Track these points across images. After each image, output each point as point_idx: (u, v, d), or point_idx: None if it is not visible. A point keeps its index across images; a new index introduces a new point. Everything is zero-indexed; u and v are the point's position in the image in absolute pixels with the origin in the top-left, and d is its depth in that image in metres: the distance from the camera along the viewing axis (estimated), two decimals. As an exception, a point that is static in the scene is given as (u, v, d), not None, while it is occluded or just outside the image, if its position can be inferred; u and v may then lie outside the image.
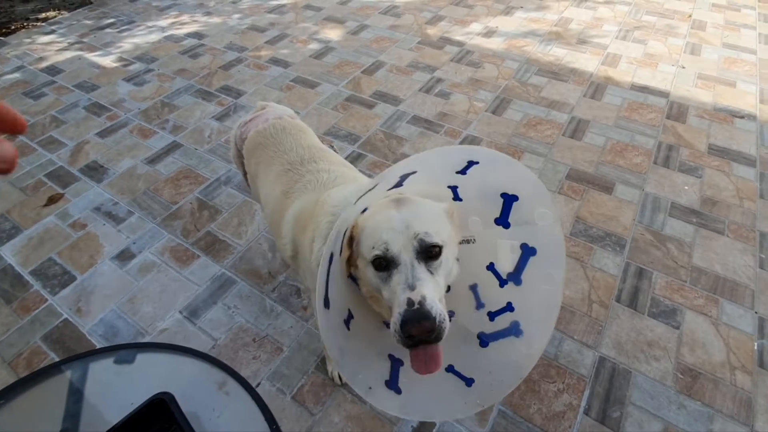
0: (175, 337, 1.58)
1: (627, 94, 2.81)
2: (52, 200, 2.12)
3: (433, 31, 3.56)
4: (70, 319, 1.64)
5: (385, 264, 0.71)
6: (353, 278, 0.84)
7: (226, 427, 0.66)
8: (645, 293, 1.71)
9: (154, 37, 3.59)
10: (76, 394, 0.73)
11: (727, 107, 2.67)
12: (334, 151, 1.29)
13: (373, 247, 0.71)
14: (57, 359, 1.52)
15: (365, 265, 0.74)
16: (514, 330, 0.79)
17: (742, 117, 2.60)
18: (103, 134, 2.55)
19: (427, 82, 2.94)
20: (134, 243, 1.92)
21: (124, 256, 1.87)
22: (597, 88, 2.87)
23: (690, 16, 3.75)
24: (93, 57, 3.33)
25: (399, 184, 0.75)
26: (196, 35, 3.59)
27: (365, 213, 0.77)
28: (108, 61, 3.28)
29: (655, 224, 1.98)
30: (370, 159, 2.34)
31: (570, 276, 1.76)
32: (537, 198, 0.74)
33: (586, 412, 1.38)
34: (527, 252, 0.77)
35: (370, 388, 0.72)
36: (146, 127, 2.60)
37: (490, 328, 0.82)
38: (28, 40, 3.60)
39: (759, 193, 2.12)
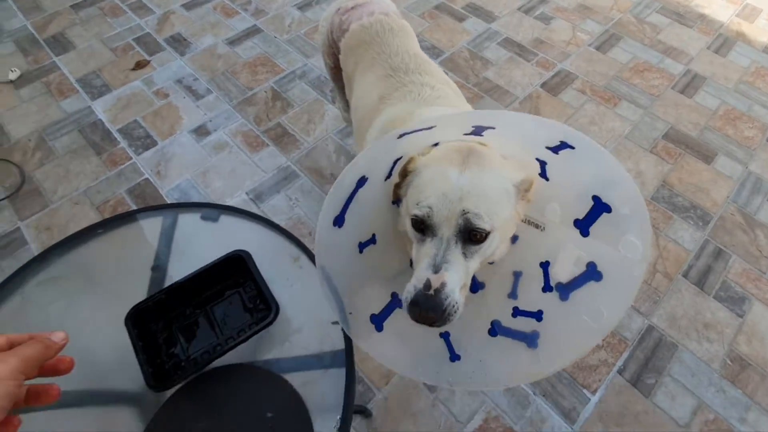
0: (240, 215, 1.68)
1: (757, 56, 2.37)
2: (140, 65, 2.19)
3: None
4: (151, 180, 1.79)
5: (422, 227, 0.65)
6: (398, 203, 0.78)
7: (298, 297, 0.71)
8: (717, 275, 1.59)
9: None
10: (167, 238, 0.80)
11: None
12: None
13: (417, 204, 0.64)
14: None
15: (406, 213, 0.69)
16: (530, 339, 0.69)
17: None
18: (188, 6, 2.53)
19: (530, 1, 2.61)
20: (210, 121, 1.99)
21: (200, 132, 1.95)
22: (724, 42, 2.44)
23: None
24: None
25: (477, 134, 0.64)
26: None
27: (430, 153, 0.69)
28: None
29: (749, 206, 1.78)
30: (450, 78, 2.19)
31: (638, 240, 1.66)
32: (634, 222, 0.58)
33: (620, 372, 1.38)
34: (591, 274, 0.65)
35: (350, 313, 0.67)
36: (229, 6, 2.54)
37: (507, 321, 0.73)
38: None
39: None
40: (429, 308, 0.59)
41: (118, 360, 0.70)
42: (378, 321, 0.72)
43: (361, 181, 0.62)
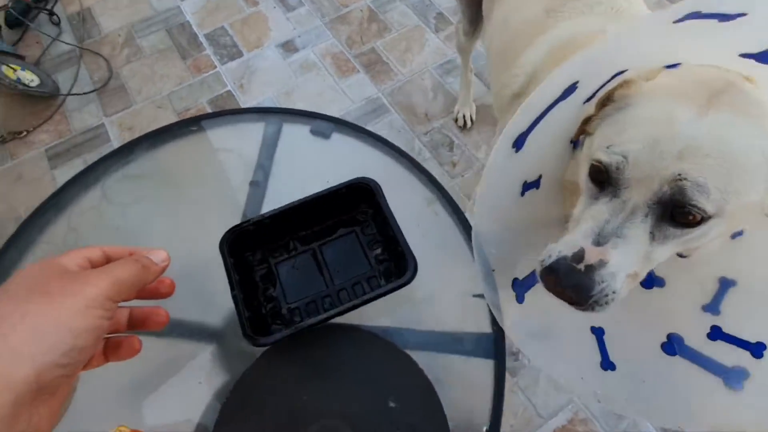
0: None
1: None
2: (232, -35, 2.01)
3: None
4: (233, 93, 1.66)
5: (603, 179, 0.44)
6: (577, 144, 0.58)
7: (431, 253, 0.53)
8: None
9: None
10: (269, 150, 0.65)
11: None
12: None
13: (609, 147, 0.43)
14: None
15: (587, 156, 0.47)
16: (730, 376, 0.51)
17: None
18: None
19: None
20: (299, 36, 1.80)
21: (288, 47, 1.77)
22: None
23: None
24: None
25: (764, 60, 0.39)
26: None
27: (657, 78, 0.46)
28: None
29: None
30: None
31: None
32: None
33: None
34: None
35: (493, 270, 0.52)
36: None
37: (695, 341, 0.53)
38: None
39: None
40: (570, 285, 0.41)
41: (199, 286, 0.58)
42: (520, 290, 0.54)
43: (570, 89, 0.41)
